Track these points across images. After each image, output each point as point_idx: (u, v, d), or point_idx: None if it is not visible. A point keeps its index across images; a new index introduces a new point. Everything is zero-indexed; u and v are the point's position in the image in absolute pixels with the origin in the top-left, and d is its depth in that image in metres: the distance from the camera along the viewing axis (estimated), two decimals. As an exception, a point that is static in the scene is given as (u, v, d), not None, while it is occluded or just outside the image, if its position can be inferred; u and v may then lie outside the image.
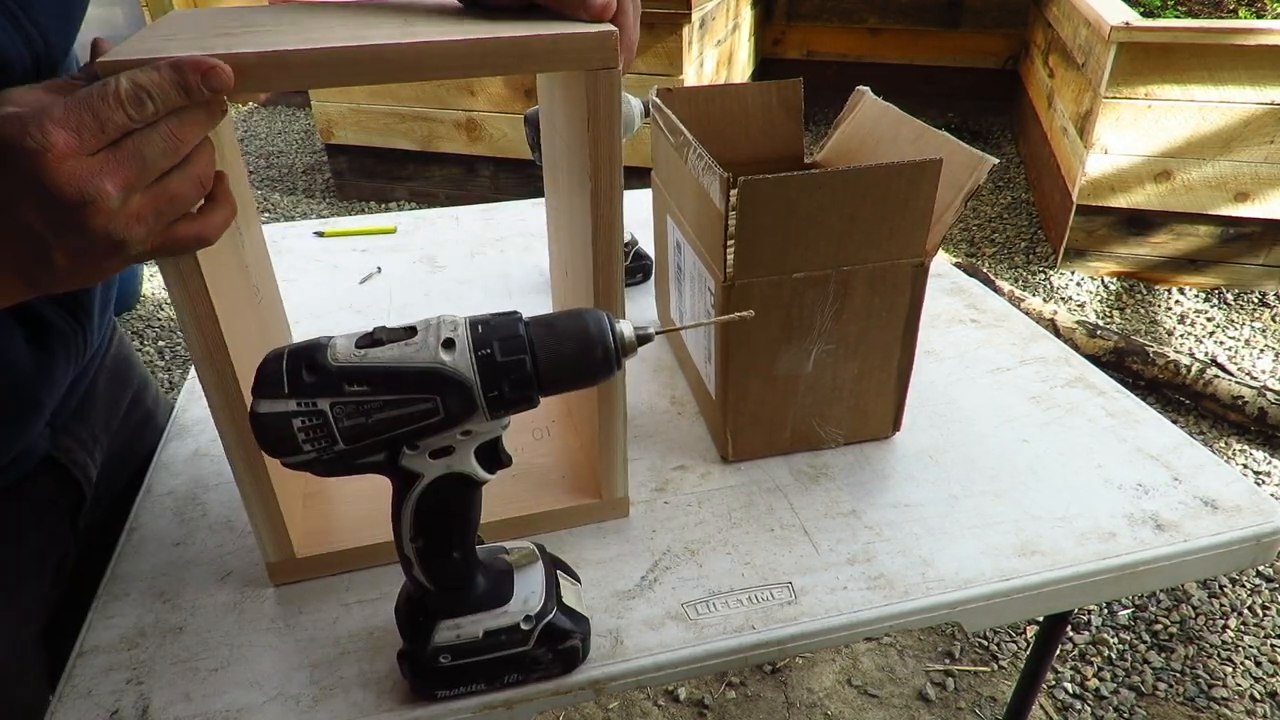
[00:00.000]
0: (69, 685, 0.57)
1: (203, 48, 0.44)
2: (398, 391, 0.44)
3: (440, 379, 0.44)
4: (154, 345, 2.47)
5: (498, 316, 0.46)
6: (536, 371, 0.45)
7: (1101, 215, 2.59)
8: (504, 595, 0.53)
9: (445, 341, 0.45)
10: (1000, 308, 1.02)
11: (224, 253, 0.57)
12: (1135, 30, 2.30)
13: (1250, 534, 0.69)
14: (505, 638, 0.53)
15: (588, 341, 0.46)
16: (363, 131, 3.17)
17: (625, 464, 0.68)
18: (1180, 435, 0.80)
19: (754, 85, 0.88)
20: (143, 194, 0.42)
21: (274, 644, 0.60)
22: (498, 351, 0.45)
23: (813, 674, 1.49)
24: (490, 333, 0.45)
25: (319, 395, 0.44)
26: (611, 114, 0.52)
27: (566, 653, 0.56)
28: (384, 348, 0.45)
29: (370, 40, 0.46)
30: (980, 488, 0.74)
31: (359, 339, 0.45)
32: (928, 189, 0.66)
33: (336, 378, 0.44)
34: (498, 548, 0.57)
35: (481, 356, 0.45)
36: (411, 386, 0.44)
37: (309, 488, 0.71)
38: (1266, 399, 1.98)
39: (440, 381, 0.44)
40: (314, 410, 0.44)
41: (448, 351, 0.44)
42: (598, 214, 0.56)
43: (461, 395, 0.45)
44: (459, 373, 0.44)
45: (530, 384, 0.46)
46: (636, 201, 1.10)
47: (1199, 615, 1.60)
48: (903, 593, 0.63)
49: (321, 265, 1.15)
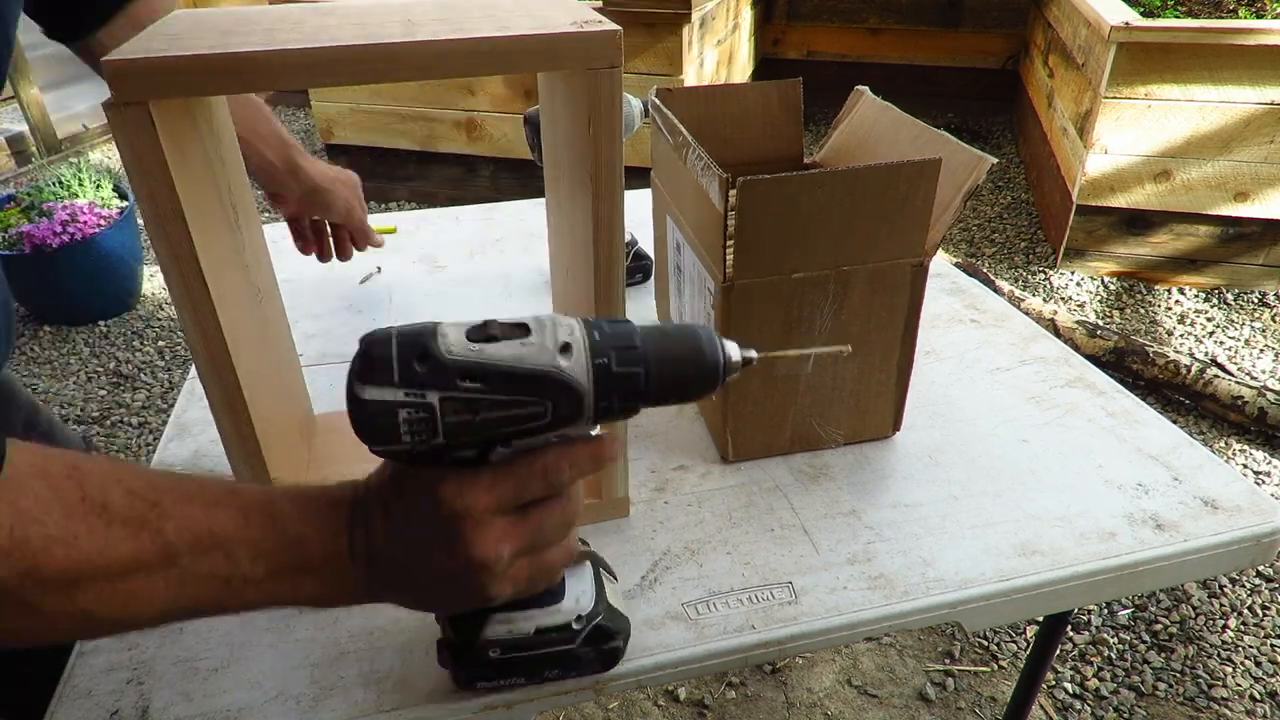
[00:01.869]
0: (69, 685, 0.57)
1: (212, 47, 0.44)
2: (511, 392, 0.42)
3: (555, 384, 0.42)
4: (154, 345, 2.47)
5: (614, 324, 0.45)
6: (648, 386, 0.44)
7: (1101, 215, 2.59)
8: (557, 594, 0.53)
9: (562, 345, 0.43)
10: (1000, 308, 1.02)
11: (225, 253, 0.57)
12: (1135, 30, 2.30)
13: (1250, 534, 0.69)
14: (555, 635, 0.54)
15: (700, 361, 0.45)
16: (363, 131, 3.17)
17: (625, 464, 0.68)
18: (1180, 435, 0.80)
19: (754, 85, 0.88)
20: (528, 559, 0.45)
21: (274, 644, 0.60)
22: (614, 361, 0.43)
23: (813, 674, 1.49)
24: (607, 340, 0.44)
25: (430, 387, 0.41)
26: (612, 114, 0.52)
27: (609, 653, 0.56)
28: (500, 344, 0.43)
29: (370, 40, 0.46)
30: (980, 488, 0.74)
31: (469, 330, 0.43)
32: (927, 189, 0.66)
33: (450, 371, 0.42)
34: None
35: (598, 365, 0.43)
36: (525, 389, 0.42)
37: (309, 488, 0.71)
38: (1266, 399, 1.98)
39: (555, 387, 0.43)
40: (422, 403, 0.41)
41: (565, 356, 0.43)
42: (598, 214, 0.56)
43: (572, 402, 0.43)
44: (575, 379, 0.43)
45: (641, 397, 0.45)
46: (636, 201, 1.10)
47: (1199, 615, 1.60)
48: (903, 593, 0.63)
49: (321, 265, 1.15)
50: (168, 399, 2.26)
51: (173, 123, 0.49)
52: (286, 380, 0.71)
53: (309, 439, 0.77)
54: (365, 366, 0.42)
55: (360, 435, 0.43)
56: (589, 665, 0.56)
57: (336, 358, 0.94)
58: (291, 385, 0.73)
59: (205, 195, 0.54)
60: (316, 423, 0.80)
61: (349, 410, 0.43)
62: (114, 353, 2.43)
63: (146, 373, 2.36)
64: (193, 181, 0.51)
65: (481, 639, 0.52)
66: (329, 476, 0.71)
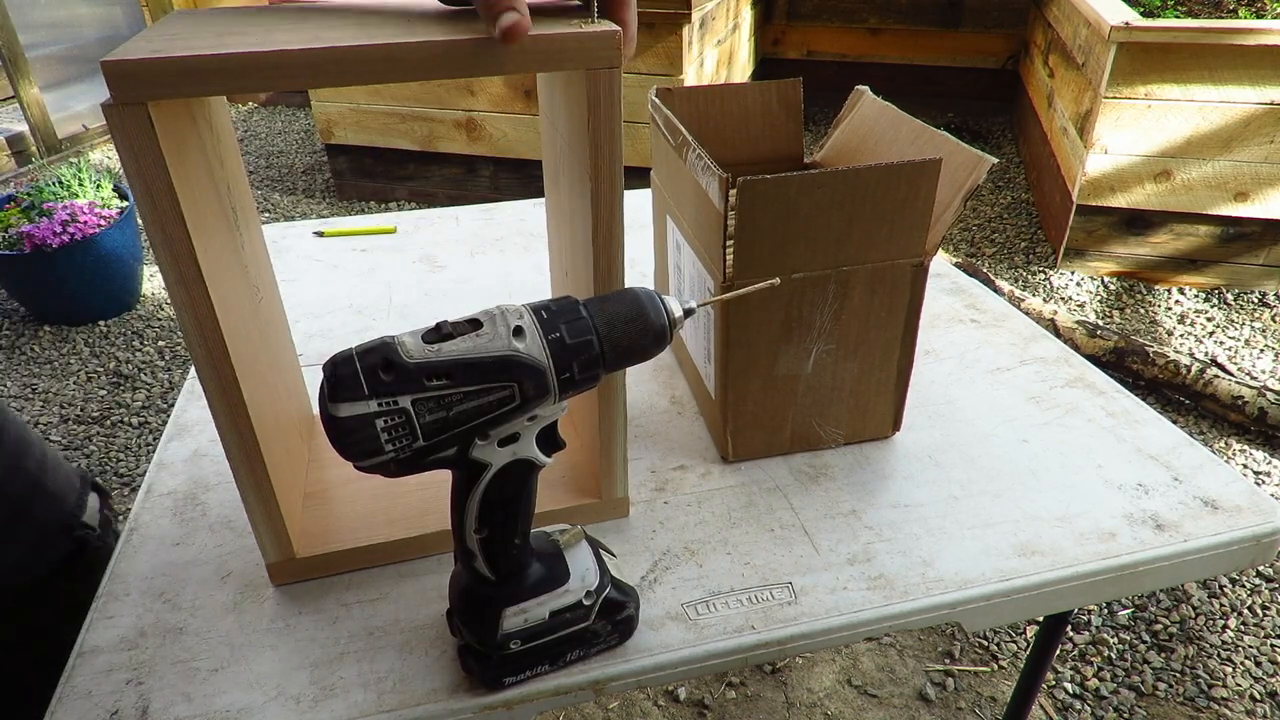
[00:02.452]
0: (69, 685, 0.57)
1: (210, 47, 0.44)
2: (476, 382, 0.45)
3: (516, 365, 0.46)
4: (154, 345, 2.47)
5: (556, 302, 0.48)
6: (602, 351, 0.47)
7: (1101, 215, 2.59)
8: (561, 576, 0.55)
9: (515, 329, 0.46)
10: (1000, 308, 1.02)
11: (224, 253, 0.57)
12: (1135, 30, 2.30)
13: (1250, 534, 0.69)
14: (569, 615, 0.55)
15: (644, 318, 0.48)
16: (363, 131, 3.17)
17: (625, 464, 0.68)
18: (1180, 435, 0.80)
19: (753, 85, 0.88)
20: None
21: (274, 644, 0.60)
22: (566, 334, 0.47)
23: (813, 674, 1.49)
24: (555, 318, 0.47)
25: (400, 393, 0.44)
26: (612, 114, 0.52)
27: (623, 623, 0.58)
28: (455, 341, 0.45)
29: (371, 40, 0.46)
30: (980, 488, 0.74)
31: (424, 334, 0.46)
32: (927, 189, 0.66)
33: (415, 374, 0.44)
34: (540, 533, 0.58)
35: (552, 340, 0.46)
36: (489, 375, 0.45)
37: (309, 488, 0.71)
38: (1266, 399, 1.98)
39: (516, 368, 0.46)
40: (396, 409, 0.44)
41: (519, 339, 0.46)
42: (598, 215, 0.56)
43: (536, 380, 0.46)
44: (533, 358, 0.46)
45: (597, 363, 0.48)
46: (637, 201, 1.10)
47: (1199, 615, 1.60)
48: (903, 593, 0.63)
49: (321, 265, 1.15)
50: (168, 399, 2.26)
51: (172, 123, 0.48)
52: (286, 380, 0.71)
53: (309, 439, 0.77)
54: (335, 386, 0.44)
55: (343, 453, 0.45)
56: (608, 639, 0.58)
57: (336, 358, 0.94)
58: (291, 385, 0.73)
59: (204, 195, 0.54)
60: (317, 423, 0.80)
61: (328, 432, 0.45)
62: (114, 353, 2.43)
63: (146, 373, 2.36)
64: (192, 182, 0.51)
65: (500, 634, 0.53)
66: (329, 476, 0.72)
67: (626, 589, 0.59)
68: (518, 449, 0.49)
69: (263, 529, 0.61)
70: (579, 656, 0.57)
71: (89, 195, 2.52)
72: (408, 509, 0.68)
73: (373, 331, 0.98)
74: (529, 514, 0.53)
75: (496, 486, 0.49)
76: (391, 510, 0.68)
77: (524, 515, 0.52)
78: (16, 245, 2.34)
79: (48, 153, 3.61)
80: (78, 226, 2.38)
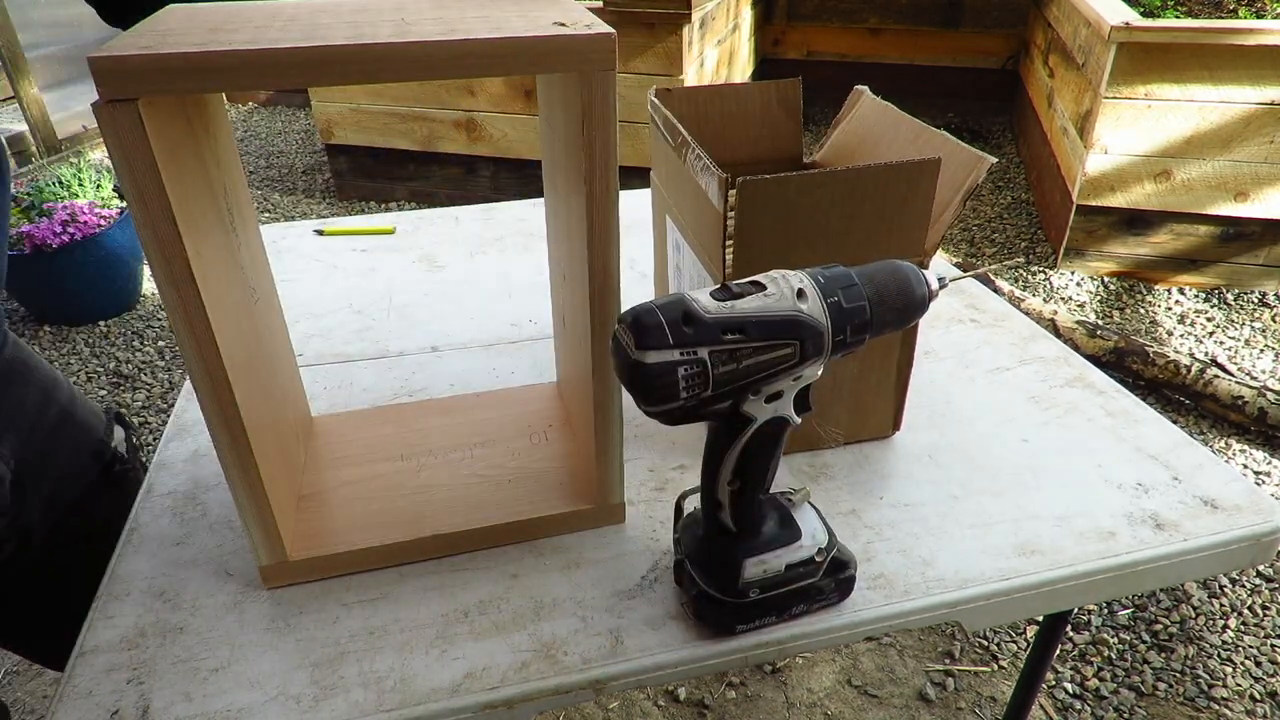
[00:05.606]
0: (69, 685, 0.57)
1: (200, 44, 0.44)
2: (766, 338, 0.49)
3: (800, 325, 0.49)
4: (154, 345, 2.47)
5: (829, 269, 0.52)
6: (871, 317, 0.51)
7: (1101, 215, 2.59)
8: (795, 533, 0.59)
9: (798, 292, 0.50)
10: (1000, 308, 1.02)
11: (219, 254, 0.56)
12: (1135, 30, 2.30)
13: (1250, 534, 0.69)
14: (802, 569, 0.59)
15: (909, 289, 0.52)
16: (363, 131, 3.17)
17: (621, 470, 0.68)
18: (1180, 435, 0.80)
19: (753, 85, 0.87)
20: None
21: (274, 644, 0.60)
22: (843, 299, 0.50)
23: (813, 674, 1.49)
24: (832, 284, 0.51)
25: (699, 344, 0.47)
26: (607, 116, 0.52)
27: (845, 581, 0.61)
28: (746, 299, 0.49)
29: (362, 40, 0.46)
30: (980, 487, 0.74)
31: (713, 293, 0.49)
32: (926, 189, 0.66)
33: (714, 328, 0.48)
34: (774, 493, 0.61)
35: (831, 304, 0.50)
36: (776, 333, 0.49)
37: (304, 490, 0.71)
38: (1266, 399, 1.98)
39: (800, 327, 0.49)
40: (695, 359, 0.47)
41: (802, 300, 0.49)
42: (593, 218, 0.55)
43: (815, 340, 0.50)
44: (814, 319, 0.50)
45: (866, 328, 0.51)
46: (636, 201, 1.10)
47: (1199, 615, 1.60)
48: (903, 592, 0.63)
49: (321, 265, 1.15)
50: (168, 399, 2.26)
51: (164, 122, 0.48)
52: (282, 381, 0.71)
53: (306, 441, 0.77)
54: (641, 334, 0.47)
55: (641, 398, 0.49)
56: (829, 595, 0.61)
57: (335, 358, 0.94)
58: (288, 386, 0.73)
59: (198, 196, 0.54)
60: (314, 424, 0.79)
61: (629, 378, 0.48)
62: (114, 353, 2.43)
63: (146, 373, 2.36)
64: (185, 182, 0.51)
65: (741, 582, 0.57)
66: (325, 479, 0.72)
67: (846, 550, 0.62)
68: (779, 406, 0.52)
69: (255, 532, 0.61)
70: (803, 610, 0.60)
71: (89, 195, 2.52)
72: (404, 513, 0.68)
73: (373, 331, 0.98)
74: (773, 470, 0.56)
75: (757, 440, 0.53)
76: (388, 514, 0.68)
77: (771, 471, 0.56)
78: (17, 245, 2.34)
79: (48, 153, 3.61)
80: (78, 226, 2.38)
